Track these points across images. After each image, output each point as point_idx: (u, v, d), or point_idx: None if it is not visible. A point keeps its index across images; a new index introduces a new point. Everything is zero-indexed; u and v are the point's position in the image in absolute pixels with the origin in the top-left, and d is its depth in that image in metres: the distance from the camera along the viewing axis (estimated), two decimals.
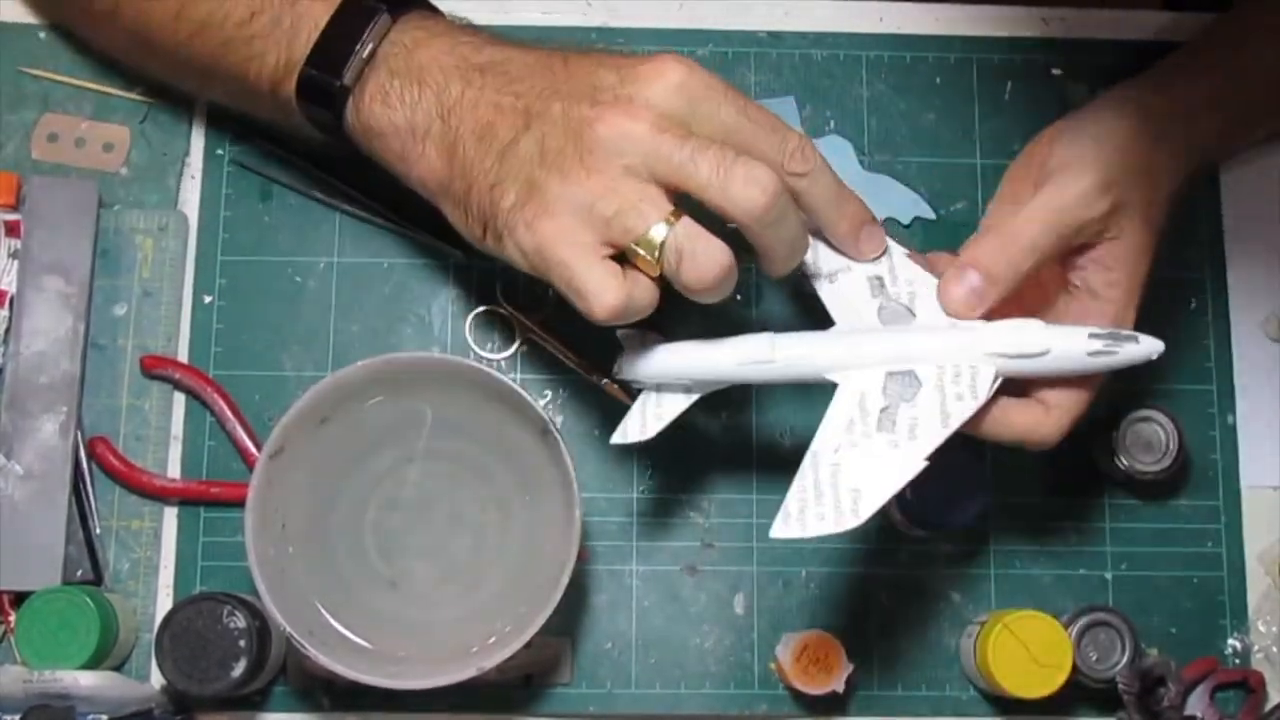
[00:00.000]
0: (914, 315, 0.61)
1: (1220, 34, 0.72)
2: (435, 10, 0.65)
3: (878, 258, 0.61)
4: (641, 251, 0.55)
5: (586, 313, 0.56)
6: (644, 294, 0.56)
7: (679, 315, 0.61)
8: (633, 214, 0.55)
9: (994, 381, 0.59)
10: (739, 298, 0.62)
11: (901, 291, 0.61)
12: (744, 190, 0.55)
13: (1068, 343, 0.59)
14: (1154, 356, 0.60)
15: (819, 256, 0.62)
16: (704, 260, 0.55)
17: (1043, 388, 0.62)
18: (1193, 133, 0.67)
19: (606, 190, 0.55)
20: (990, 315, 0.61)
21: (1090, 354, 0.59)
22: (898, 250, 0.62)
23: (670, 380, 0.62)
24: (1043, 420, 0.62)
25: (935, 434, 0.58)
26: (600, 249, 0.56)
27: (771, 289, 0.75)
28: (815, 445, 0.58)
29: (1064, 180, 0.61)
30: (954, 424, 0.58)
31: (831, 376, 0.60)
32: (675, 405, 0.62)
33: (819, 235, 0.62)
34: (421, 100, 0.60)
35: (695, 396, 0.62)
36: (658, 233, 0.55)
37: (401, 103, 0.60)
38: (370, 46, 0.61)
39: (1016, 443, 0.62)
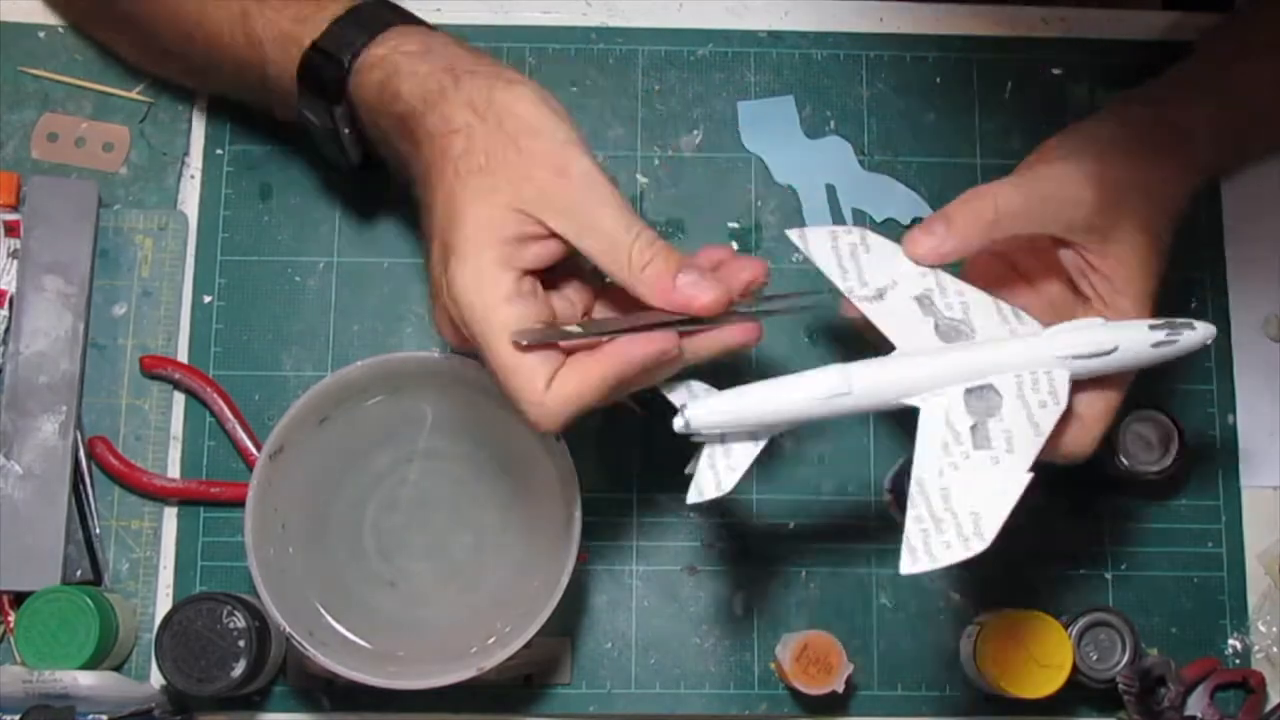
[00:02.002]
0: (973, 329, 0.59)
1: (1217, 50, 0.72)
2: (412, 25, 0.64)
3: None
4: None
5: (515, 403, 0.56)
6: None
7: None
8: (483, 348, 0.55)
9: (1070, 385, 0.58)
10: None
11: (953, 303, 0.60)
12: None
13: (1133, 336, 0.59)
14: (1209, 341, 0.59)
15: (862, 274, 0.60)
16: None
17: (1075, 399, 0.61)
18: (1194, 152, 0.67)
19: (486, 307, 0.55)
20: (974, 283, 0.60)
21: (1154, 345, 0.59)
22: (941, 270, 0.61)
23: (738, 428, 0.58)
24: (1079, 433, 0.61)
25: (1031, 443, 0.57)
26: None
27: (767, 336, 0.74)
28: (918, 474, 0.57)
29: (1057, 163, 0.61)
30: (1045, 431, 0.57)
31: (910, 401, 0.58)
32: (746, 454, 0.59)
33: (862, 255, 0.61)
34: (417, 74, 0.59)
35: (764, 441, 0.59)
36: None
37: (400, 72, 0.60)
38: (366, 37, 0.61)
39: (1055, 460, 0.61)
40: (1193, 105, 0.68)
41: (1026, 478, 0.56)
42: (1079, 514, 0.74)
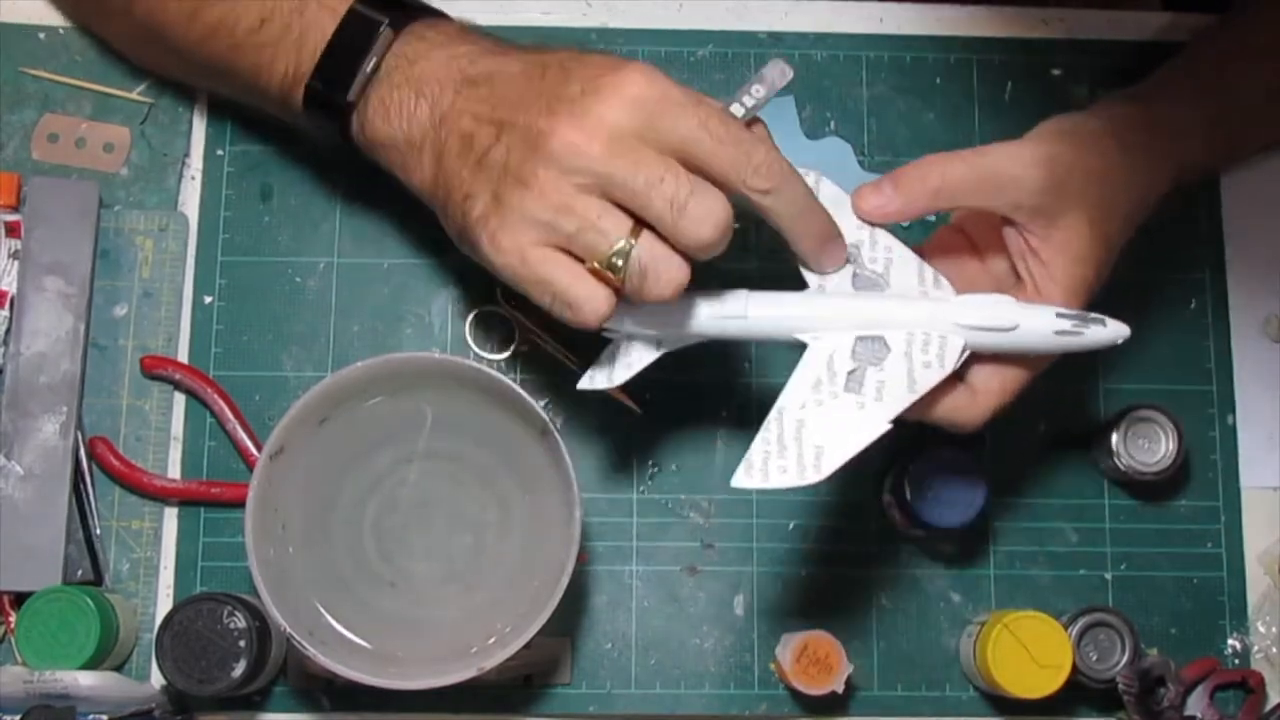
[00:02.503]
0: (888, 284, 0.61)
1: (1209, 52, 0.72)
2: (439, 15, 0.65)
3: (834, 270, 0.61)
4: (604, 270, 0.56)
5: (578, 324, 0.57)
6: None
7: None
8: (592, 233, 0.55)
9: (961, 353, 0.60)
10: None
11: (878, 258, 0.62)
12: (694, 230, 0.55)
13: (1036, 320, 0.60)
14: (1119, 341, 0.60)
15: None
16: (665, 279, 0.56)
17: (973, 370, 0.62)
18: (1175, 151, 0.67)
19: (564, 207, 0.55)
20: (930, 257, 0.62)
21: (1057, 333, 0.59)
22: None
23: (644, 331, 0.62)
24: (968, 404, 0.62)
25: (901, 398, 0.59)
26: (567, 259, 0.56)
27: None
28: (781, 401, 0.59)
29: (1010, 141, 0.62)
30: (920, 390, 0.59)
31: (802, 337, 0.60)
32: (644, 356, 0.62)
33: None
34: (418, 113, 0.60)
35: (664, 350, 0.62)
36: (619, 251, 0.55)
37: (400, 116, 0.61)
38: (374, 61, 0.62)
39: (938, 423, 0.62)
40: (1182, 102, 0.68)
41: (884, 428, 0.59)
42: (1079, 514, 0.74)
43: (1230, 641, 0.73)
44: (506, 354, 0.75)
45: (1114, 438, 0.71)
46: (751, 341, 0.63)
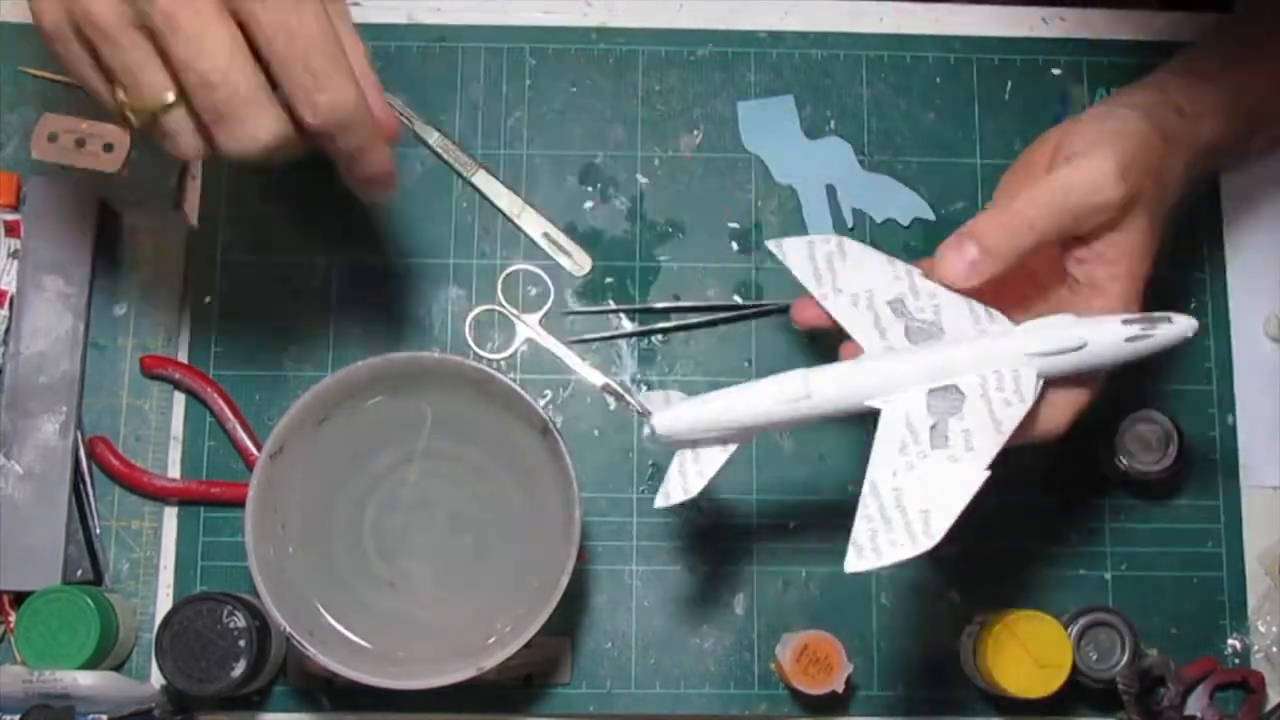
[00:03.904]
0: (943, 330, 0.59)
1: (1222, 41, 0.72)
2: None
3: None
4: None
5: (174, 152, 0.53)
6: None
7: None
8: (134, 86, 0.52)
9: (1037, 383, 0.58)
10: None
11: (925, 306, 0.60)
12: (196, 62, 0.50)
13: (1103, 331, 0.58)
14: (1190, 334, 0.58)
15: (836, 280, 0.61)
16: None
17: (1049, 388, 0.61)
18: (1197, 139, 0.67)
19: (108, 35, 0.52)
20: (984, 298, 0.60)
21: (1128, 339, 0.58)
22: (914, 270, 0.61)
23: (707, 434, 0.59)
24: (1049, 417, 0.61)
25: (991, 442, 0.57)
26: None
27: (767, 337, 0.75)
28: (871, 475, 0.57)
29: (1081, 163, 0.59)
30: (1007, 430, 0.57)
31: (873, 404, 0.58)
32: (714, 459, 0.60)
33: (838, 262, 0.61)
34: None
35: (734, 448, 0.60)
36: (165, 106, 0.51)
37: None
38: None
39: (1021, 442, 0.61)
40: (1197, 90, 0.68)
41: (982, 476, 0.57)
42: (1079, 514, 0.74)
43: (1230, 641, 0.73)
44: (506, 354, 0.75)
45: (1114, 438, 0.71)
46: (820, 420, 0.60)
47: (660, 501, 0.60)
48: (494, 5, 0.78)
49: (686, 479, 0.60)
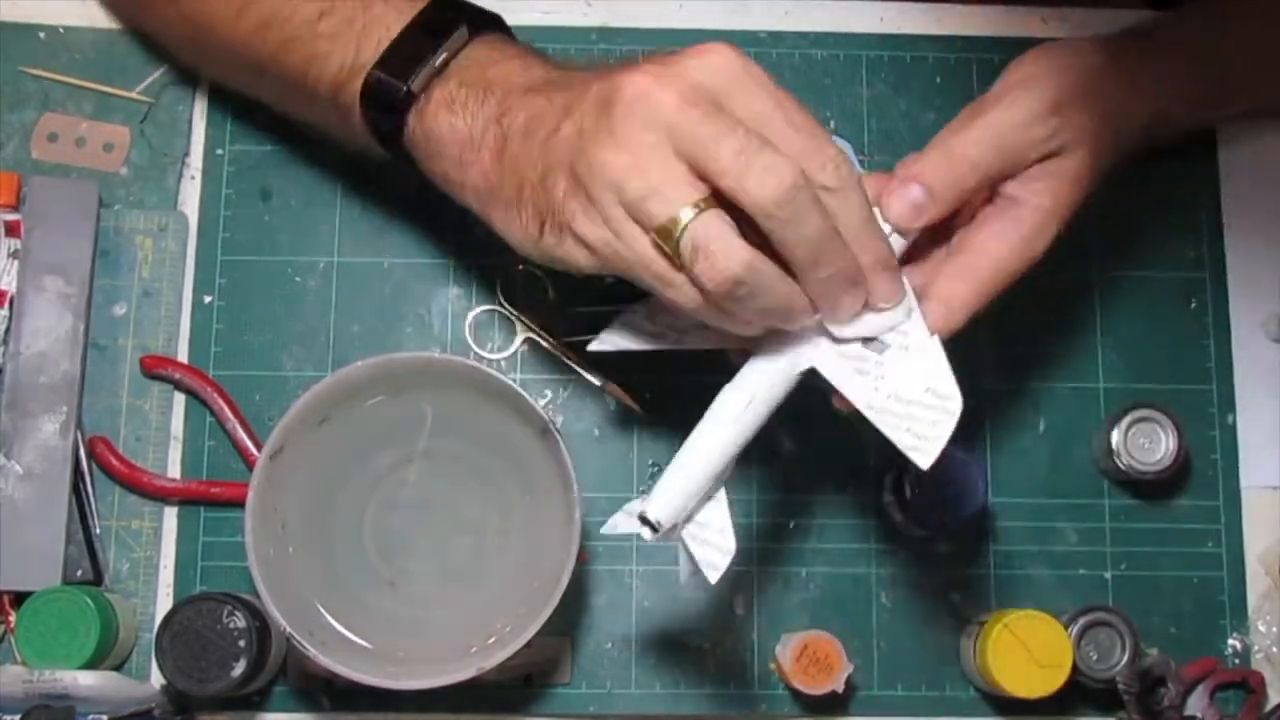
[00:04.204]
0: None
1: (1196, 10, 0.72)
2: (513, 36, 0.65)
3: (887, 308, 0.58)
4: (660, 242, 0.52)
5: (678, 308, 0.54)
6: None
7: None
8: (654, 199, 0.51)
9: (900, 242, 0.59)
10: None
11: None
12: (760, 177, 0.50)
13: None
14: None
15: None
16: (720, 258, 0.51)
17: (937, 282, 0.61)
18: (1163, 83, 0.66)
19: (633, 169, 0.51)
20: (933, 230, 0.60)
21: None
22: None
23: (696, 496, 0.58)
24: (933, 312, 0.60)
25: (915, 322, 0.58)
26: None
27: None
28: (863, 405, 0.57)
29: (1015, 98, 0.60)
30: (911, 300, 0.58)
31: (803, 367, 0.58)
32: (717, 514, 0.59)
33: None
34: (484, 108, 0.59)
35: (721, 491, 0.59)
36: (679, 221, 0.51)
37: (465, 110, 0.59)
38: (444, 57, 0.60)
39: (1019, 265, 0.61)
40: (1174, 31, 0.68)
41: (934, 340, 0.58)
42: (1079, 514, 0.74)
43: (1230, 641, 0.73)
44: (506, 354, 0.75)
45: (1114, 438, 0.71)
46: (777, 406, 0.60)
47: (713, 577, 0.58)
48: (494, 5, 0.78)
49: (712, 544, 0.59)
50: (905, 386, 0.57)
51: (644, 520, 0.57)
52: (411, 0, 0.63)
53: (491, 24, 0.64)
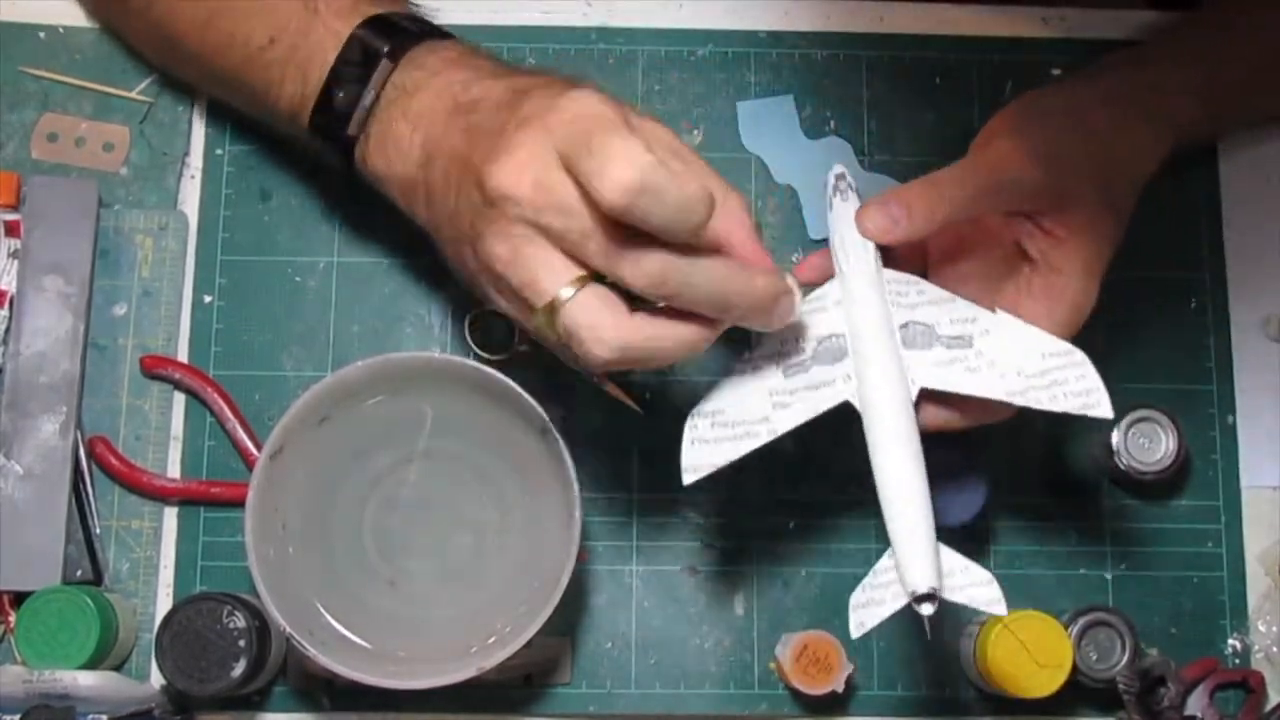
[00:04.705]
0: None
1: (1205, 20, 0.72)
2: (445, 36, 0.64)
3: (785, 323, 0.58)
4: (545, 326, 0.53)
5: (582, 359, 0.54)
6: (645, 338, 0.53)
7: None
8: (529, 289, 0.53)
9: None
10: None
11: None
12: (633, 273, 0.51)
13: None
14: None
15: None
16: (589, 345, 0.52)
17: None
18: (1171, 111, 0.67)
19: (511, 262, 0.53)
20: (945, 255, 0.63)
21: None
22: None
23: (934, 551, 0.58)
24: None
25: (974, 310, 0.60)
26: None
27: None
28: (1004, 391, 0.59)
29: (996, 143, 0.62)
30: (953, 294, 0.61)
31: (915, 392, 0.59)
32: (949, 559, 0.59)
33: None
34: (411, 150, 0.59)
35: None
36: (557, 305, 0.52)
37: (396, 152, 0.60)
38: (371, 95, 0.61)
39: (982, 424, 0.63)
40: (1175, 64, 0.69)
41: (1006, 315, 0.60)
42: (1079, 514, 0.74)
43: (1230, 641, 0.73)
44: (506, 354, 0.75)
45: (1114, 438, 0.71)
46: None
47: (1000, 608, 0.58)
48: (494, 5, 0.78)
49: (970, 589, 0.58)
50: (1024, 362, 0.59)
51: (919, 599, 0.56)
52: (346, 20, 0.62)
53: (419, 34, 0.63)
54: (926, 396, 0.60)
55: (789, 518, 0.73)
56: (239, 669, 0.64)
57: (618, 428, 0.74)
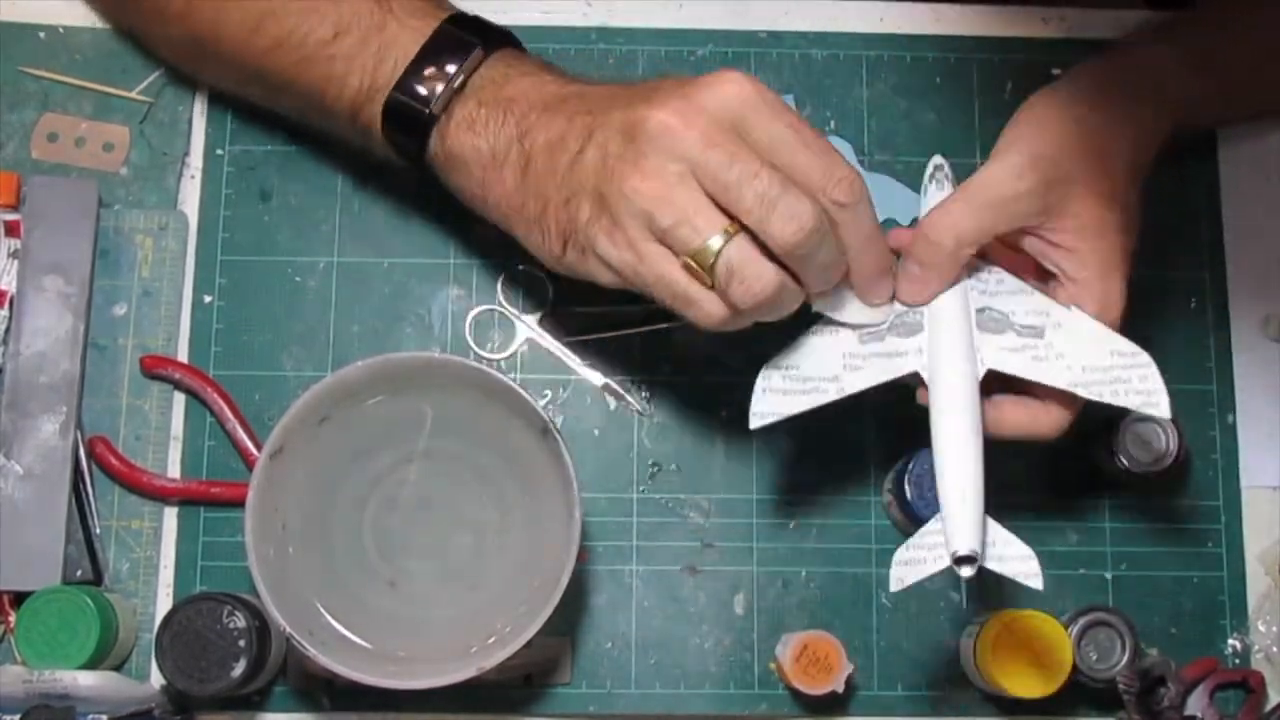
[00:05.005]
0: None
1: (1200, 17, 0.72)
2: (523, 49, 0.66)
3: (880, 304, 0.62)
4: (695, 266, 0.55)
5: (698, 324, 0.57)
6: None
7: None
8: (686, 228, 0.54)
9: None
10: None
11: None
12: (782, 226, 0.54)
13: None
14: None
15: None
16: (753, 282, 0.54)
17: (1043, 389, 0.62)
18: (1167, 93, 0.67)
19: (662, 199, 0.54)
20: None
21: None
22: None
23: (981, 519, 0.60)
24: (1040, 416, 0.63)
25: (1049, 303, 0.62)
26: (680, 260, 0.56)
27: (770, 333, 0.75)
28: (1068, 382, 0.60)
29: (997, 158, 0.62)
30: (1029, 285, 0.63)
31: (982, 372, 0.61)
32: (994, 531, 0.61)
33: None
34: (504, 127, 0.60)
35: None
36: (710, 248, 0.54)
37: (486, 130, 0.61)
38: (462, 78, 0.62)
39: (1017, 438, 0.63)
40: (1165, 49, 0.69)
41: (1079, 312, 0.62)
42: (1079, 514, 0.74)
43: (1230, 641, 0.73)
44: (506, 354, 0.75)
45: (1114, 438, 0.71)
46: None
47: (1037, 582, 0.60)
48: (494, 5, 0.78)
49: (1011, 560, 0.60)
50: (1091, 357, 0.61)
51: (959, 560, 0.58)
52: (424, 19, 0.64)
53: (503, 40, 0.65)
54: (998, 381, 0.62)
55: (789, 518, 0.73)
56: (239, 669, 0.64)
57: (618, 428, 0.74)
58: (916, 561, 0.59)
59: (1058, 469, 0.74)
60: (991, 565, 0.59)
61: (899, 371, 0.62)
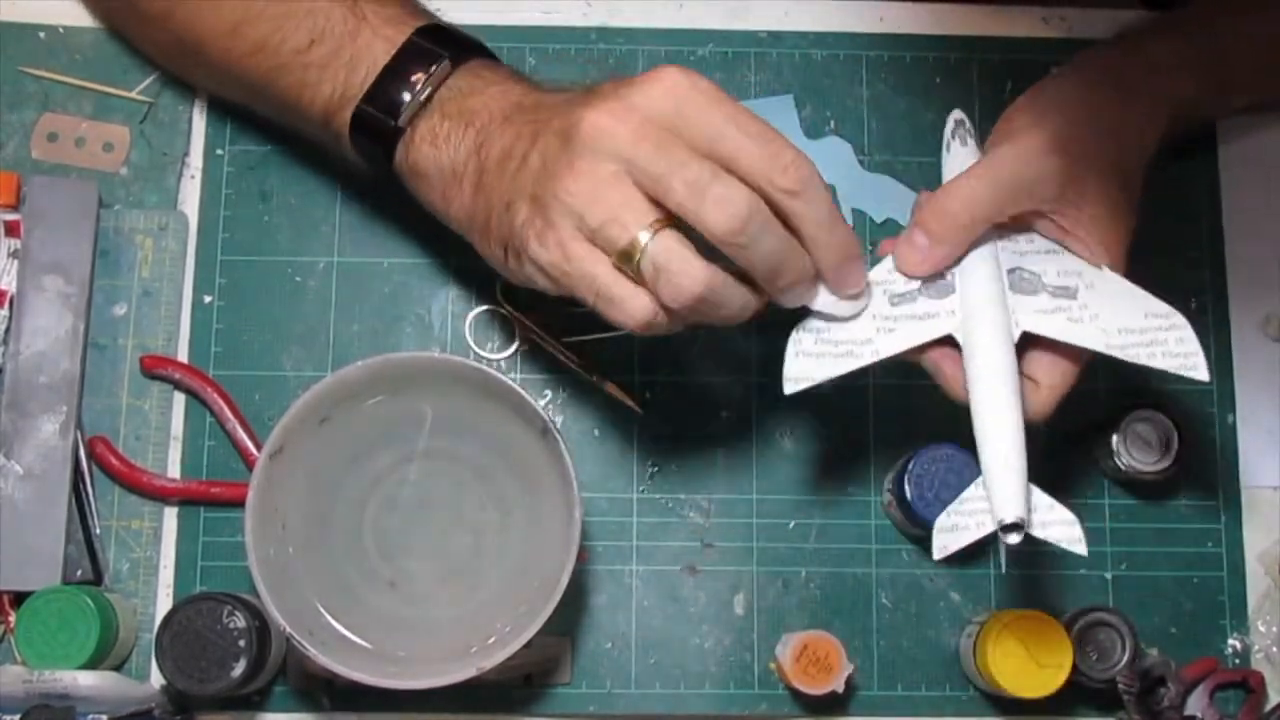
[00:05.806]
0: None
1: (1198, 14, 0.72)
2: (494, 59, 0.66)
3: (854, 293, 0.59)
4: (623, 266, 0.54)
5: (622, 325, 0.56)
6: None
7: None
8: (615, 225, 0.54)
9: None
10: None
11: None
12: (715, 213, 0.53)
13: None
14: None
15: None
16: (680, 278, 0.53)
17: (1033, 365, 0.62)
18: (1169, 88, 0.67)
19: (594, 196, 0.54)
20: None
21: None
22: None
23: (1025, 485, 0.58)
24: (1032, 395, 0.62)
25: (1082, 265, 0.62)
26: (608, 260, 0.55)
27: (770, 333, 0.75)
28: (1104, 344, 0.59)
29: (1017, 138, 0.61)
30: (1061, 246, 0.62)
31: (1016, 335, 0.60)
32: (1036, 497, 0.59)
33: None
34: (465, 140, 0.60)
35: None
36: (638, 244, 0.54)
37: (448, 144, 0.61)
38: (428, 91, 0.62)
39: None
40: (1171, 41, 0.69)
41: (1112, 273, 0.61)
42: (1079, 514, 0.74)
43: (1230, 641, 0.73)
44: (506, 354, 0.75)
45: (1114, 438, 0.71)
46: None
47: (1081, 547, 0.59)
48: (494, 5, 0.78)
49: (1055, 526, 0.59)
50: (1125, 318, 0.60)
51: (1006, 528, 0.57)
52: (398, 28, 0.64)
53: (473, 50, 0.64)
54: (1035, 344, 0.61)
55: (789, 518, 0.73)
56: (239, 669, 0.64)
57: (618, 428, 0.74)
58: (960, 528, 0.59)
59: (1058, 469, 0.74)
60: (1036, 532, 0.58)
61: (933, 334, 0.60)
